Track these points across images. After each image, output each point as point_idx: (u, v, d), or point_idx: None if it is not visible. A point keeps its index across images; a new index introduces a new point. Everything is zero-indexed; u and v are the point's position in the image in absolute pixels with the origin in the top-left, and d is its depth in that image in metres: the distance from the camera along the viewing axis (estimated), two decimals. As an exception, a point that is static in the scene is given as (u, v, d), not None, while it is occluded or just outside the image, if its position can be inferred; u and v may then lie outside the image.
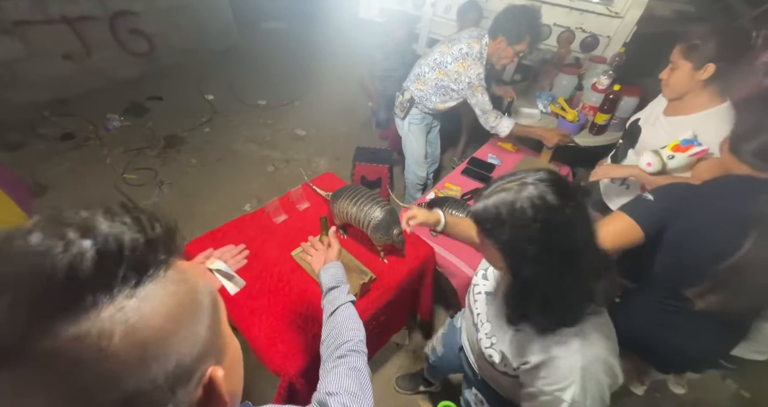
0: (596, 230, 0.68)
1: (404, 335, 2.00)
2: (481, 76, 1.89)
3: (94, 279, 0.26)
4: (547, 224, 0.63)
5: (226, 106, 3.81)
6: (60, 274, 0.25)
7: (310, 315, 1.34)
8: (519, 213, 0.64)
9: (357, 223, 1.48)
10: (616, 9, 2.52)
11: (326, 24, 5.01)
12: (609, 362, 0.72)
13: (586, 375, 0.69)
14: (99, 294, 0.26)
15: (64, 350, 0.24)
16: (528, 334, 0.76)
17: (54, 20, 3.33)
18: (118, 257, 0.28)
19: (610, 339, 0.74)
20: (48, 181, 2.82)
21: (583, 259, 0.66)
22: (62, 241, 0.27)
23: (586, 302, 0.70)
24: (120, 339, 0.26)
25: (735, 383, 1.87)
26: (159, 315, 0.29)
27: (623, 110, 2.19)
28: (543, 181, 0.65)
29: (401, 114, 2.26)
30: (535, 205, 0.63)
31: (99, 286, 0.26)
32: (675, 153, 1.34)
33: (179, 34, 4.18)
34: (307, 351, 1.23)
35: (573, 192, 0.66)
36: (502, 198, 0.66)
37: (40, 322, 0.24)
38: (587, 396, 0.69)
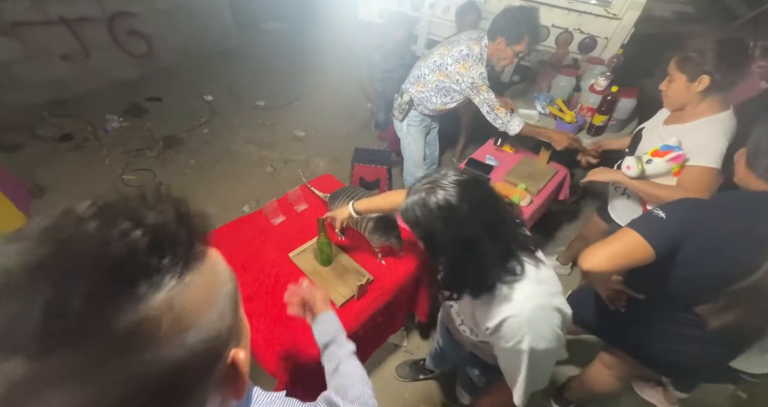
0: (503, 210, 0.82)
1: (402, 336, 2.01)
2: (483, 74, 1.89)
3: (145, 266, 0.29)
4: (449, 221, 0.77)
5: (224, 107, 3.81)
6: (117, 261, 0.28)
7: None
8: (427, 212, 0.77)
9: (355, 225, 1.48)
10: (614, 10, 2.52)
11: (325, 25, 5.00)
12: (551, 304, 0.83)
13: (534, 324, 0.81)
14: (151, 279, 0.28)
15: (123, 329, 0.26)
16: (480, 305, 0.87)
17: (52, 21, 3.33)
18: (165, 247, 0.30)
19: (546, 284, 0.85)
20: (47, 182, 2.82)
21: (484, 245, 0.78)
22: (117, 230, 0.29)
23: (503, 270, 0.82)
24: (168, 321, 0.28)
25: (732, 383, 1.87)
26: (198, 300, 0.31)
27: (621, 111, 2.20)
28: (449, 184, 0.78)
29: (400, 116, 2.26)
30: (440, 206, 0.76)
31: (150, 273, 0.29)
32: (653, 158, 1.35)
33: (178, 35, 4.18)
34: (304, 353, 1.23)
35: (476, 190, 0.78)
36: (415, 200, 0.80)
37: (106, 304, 0.26)
38: (540, 340, 0.81)
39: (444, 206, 0.76)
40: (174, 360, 0.29)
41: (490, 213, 0.79)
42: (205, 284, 0.32)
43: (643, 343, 1.24)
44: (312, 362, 1.23)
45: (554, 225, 2.70)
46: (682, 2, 6.84)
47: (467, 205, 0.76)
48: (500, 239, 0.80)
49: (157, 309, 0.28)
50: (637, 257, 0.96)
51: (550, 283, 0.86)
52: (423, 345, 2.01)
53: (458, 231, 0.77)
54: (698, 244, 0.94)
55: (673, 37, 1.46)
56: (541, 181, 1.96)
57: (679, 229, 0.95)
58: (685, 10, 6.59)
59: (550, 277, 0.87)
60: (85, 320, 0.26)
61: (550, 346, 0.82)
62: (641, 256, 0.95)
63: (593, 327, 1.44)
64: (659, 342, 1.17)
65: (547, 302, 0.83)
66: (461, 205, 0.76)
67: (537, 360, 0.83)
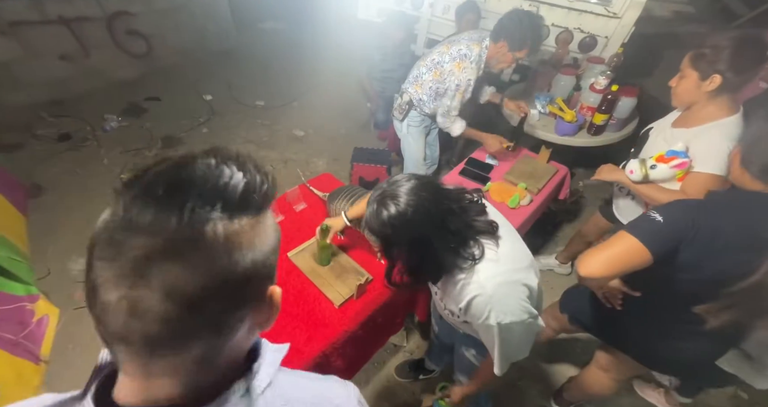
0: (454, 204, 0.88)
1: (402, 336, 2.00)
2: (470, 82, 1.89)
3: (243, 198, 0.38)
4: (400, 228, 0.84)
5: (224, 107, 3.80)
6: (232, 190, 0.38)
7: (306, 317, 1.33)
8: (380, 223, 0.86)
9: (353, 224, 1.47)
10: (614, 9, 2.52)
11: (325, 24, 5.00)
12: (512, 280, 0.90)
13: (498, 300, 0.87)
14: (244, 208, 0.39)
15: (221, 234, 0.36)
16: (450, 289, 0.96)
17: (51, 21, 3.31)
18: (255, 190, 0.40)
19: (506, 262, 0.91)
20: (45, 181, 2.81)
21: (436, 240, 0.86)
22: (229, 170, 0.39)
23: (459, 256, 0.88)
24: (247, 238, 0.38)
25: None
26: (264, 233, 0.41)
27: (621, 111, 2.19)
28: (397, 192, 0.85)
29: (400, 116, 2.25)
30: (391, 216, 0.84)
31: (243, 204, 0.39)
32: (658, 163, 1.33)
33: (177, 34, 4.17)
34: (302, 353, 1.22)
35: (422, 192, 0.85)
36: (370, 212, 0.88)
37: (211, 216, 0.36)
38: (506, 315, 0.87)
39: (394, 215, 0.83)
40: (244, 268, 0.38)
41: (438, 212, 0.85)
42: (270, 224, 0.43)
43: (640, 341, 1.23)
44: (311, 361, 1.22)
45: (554, 224, 2.69)
46: (682, 2, 6.85)
47: (413, 210, 0.83)
48: (452, 231, 0.87)
49: (244, 226, 0.38)
50: (635, 261, 0.95)
51: (512, 260, 0.93)
52: (423, 345, 2.00)
53: (409, 235, 0.86)
54: (696, 247, 0.93)
55: (672, 37, 1.45)
56: (542, 180, 1.95)
57: (676, 232, 0.94)
58: (685, 10, 6.59)
59: (510, 254, 0.93)
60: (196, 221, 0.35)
61: (517, 319, 0.88)
62: (639, 261, 0.94)
63: (589, 326, 1.43)
64: (656, 339, 1.17)
65: (508, 278, 0.90)
66: (407, 211, 0.83)
67: (508, 333, 0.90)
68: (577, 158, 2.69)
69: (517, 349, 0.96)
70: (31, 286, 1.88)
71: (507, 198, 1.84)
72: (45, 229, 2.46)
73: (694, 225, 0.92)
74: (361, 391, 0.62)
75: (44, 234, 2.42)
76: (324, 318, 1.32)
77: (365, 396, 1.82)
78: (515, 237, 1.00)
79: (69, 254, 2.31)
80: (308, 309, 1.35)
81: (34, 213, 2.55)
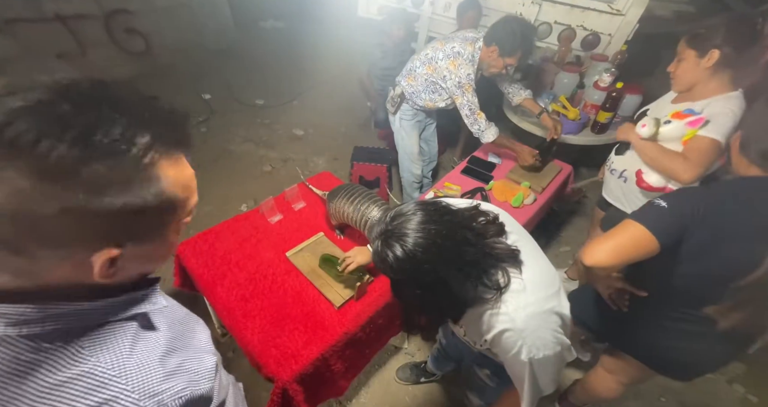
0: (469, 232, 0.77)
1: (402, 338, 1.96)
2: (471, 76, 1.87)
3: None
4: (409, 271, 0.75)
5: (223, 106, 3.76)
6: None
7: (304, 319, 1.29)
8: (386, 266, 0.76)
9: (354, 223, 1.43)
10: (617, 6, 2.48)
11: (325, 23, 4.97)
12: (544, 310, 0.81)
13: (530, 334, 0.78)
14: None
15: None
16: (473, 323, 0.87)
17: (48, 18, 3.29)
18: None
19: (535, 290, 0.81)
20: (40, 181, 2.77)
21: (451, 278, 0.75)
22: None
23: (481, 288, 0.78)
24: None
25: (742, 387, 1.83)
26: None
27: (626, 108, 2.16)
28: (403, 229, 0.74)
29: (392, 109, 2.24)
30: (398, 258, 0.73)
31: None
32: (673, 119, 1.33)
33: (176, 33, 4.14)
34: (300, 356, 1.19)
35: (432, 225, 0.74)
36: (374, 250, 0.79)
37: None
38: (539, 349, 0.78)
39: (401, 258, 0.73)
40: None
41: (452, 246, 0.74)
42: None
43: (648, 344, 1.19)
44: (309, 364, 1.18)
45: (558, 224, 2.65)
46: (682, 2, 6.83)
47: (423, 250, 0.72)
48: (470, 262, 0.76)
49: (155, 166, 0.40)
50: (642, 250, 0.91)
51: (540, 287, 0.82)
52: (424, 347, 1.96)
53: (421, 277, 0.75)
54: (700, 236, 0.90)
55: (673, 37, 1.43)
56: (545, 178, 1.91)
57: (682, 219, 0.91)
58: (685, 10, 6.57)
59: (538, 280, 0.83)
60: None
61: (550, 352, 0.80)
62: (646, 249, 0.91)
63: (595, 330, 1.40)
64: (664, 341, 1.13)
65: (539, 309, 0.80)
66: (416, 252, 0.72)
67: (540, 368, 0.81)
68: (581, 157, 2.66)
69: (546, 383, 0.86)
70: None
71: (510, 197, 1.80)
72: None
73: (699, 212, 0.90)
74: (360, 393, 0.59)
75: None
76: (323, 320, 1.29)
77: (364, 397, 1.78)
78: (538, 253, 0.90)
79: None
80: (307, 311, 1.31)
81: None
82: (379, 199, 1.43)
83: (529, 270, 0.82)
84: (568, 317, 0.85)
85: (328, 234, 1.59)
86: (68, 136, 0.35)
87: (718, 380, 1.86)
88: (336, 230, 1.61)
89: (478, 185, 1.89)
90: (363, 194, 1.43)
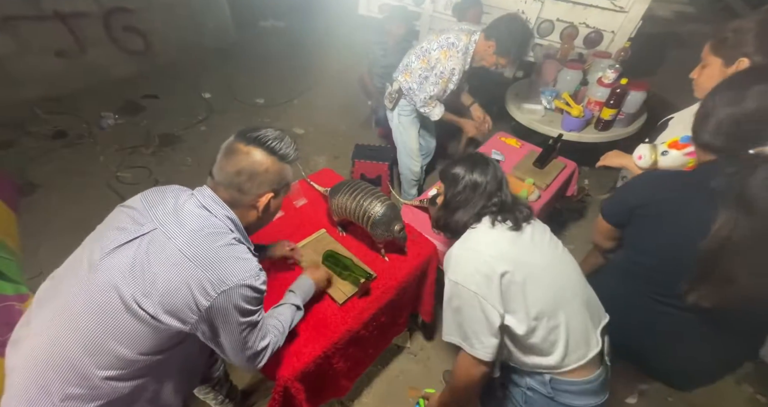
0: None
1: (405, 337, 1.93)
2: (455, 71, 1.87)
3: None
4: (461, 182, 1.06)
5: (223, 105, 3.74)
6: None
7: (307, 315, 1.26)
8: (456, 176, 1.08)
9: (356, 219, 1.41)
10: (620, 3, 2.47)
11: (325, 21, 4.96)
12: (474, 249, 0.99)
13: (457, 260, 1.00)
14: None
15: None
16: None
17: (47, 16, 3.26)
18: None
19: (483, 245, 1.00)
20: (39, 179, 2.75)
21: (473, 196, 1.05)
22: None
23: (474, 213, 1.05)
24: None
25: (750, 387, 1.80)
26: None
27: (630, 105, 2.14)
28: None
29: (390, 105, 2.22)
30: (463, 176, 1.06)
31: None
32: (670, 149, 1.26)
33: (176, 31, 4.12)
34: (302, 354, 1.16)
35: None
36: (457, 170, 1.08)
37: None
38: (458, 275, 0.97)
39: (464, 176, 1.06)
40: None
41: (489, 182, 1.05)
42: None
43: (643, 346, 1.11)
44: (311, 362, 1.16)
45: (561, 223, 2.63)
46: (683, 2, 6.83)
47: (480, 174, 1.05)
48: (488, 196, 1.04)
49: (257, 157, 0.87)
50: (605, 229, 1.14)
51: (486, 245, 0.98)
52: (427, 346, 1.93)
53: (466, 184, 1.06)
54: (649, 211, 0.98)
55: (674, 37, 1.41)
56: (550, 175, 1.89)
57: (623, 196, 1.06)
58: (686, 10, 6.58)
59: (492, 241, 0.99)
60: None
61: (466, 286, 0.93)
62: (606, 228, 1.14)
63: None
64: (660, 342, 1.07)
65: (473, 247, 0.99)
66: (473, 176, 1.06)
67: (454, 295, 0.98)
68: (584, 155, 2.64)
69: (463, 320, 0.96)
70: (21, 285, 1.81)
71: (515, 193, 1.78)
72: (37, 228, 2.39)
73: (647, 186, 1.01)
74: (363, 393, 0.57)
75: (36, 233, 2.36)
76: (326, 318, 1.26)
77: (366, 398, 1.75)
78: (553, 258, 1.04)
79: (62, 253, 2.22)
80: (309, 308, 1.28)
81: (27, 211, 2.48)
82: (382, 194, 1.40)
83: (495, 230, 1.00)
84: (492, 269, 0.93)
85: (329, 231, 1.57)
86: (277, 144, 0.89)
87: (726, 380, 1.83)
88: (338, 226, 1.59)
89: (482, 181, 1.87)
90: (365, 190, 1.41)
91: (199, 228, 0.80)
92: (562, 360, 0.94)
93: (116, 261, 0.76)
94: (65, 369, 0.74)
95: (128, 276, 0.75)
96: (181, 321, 0.77)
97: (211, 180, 0.89)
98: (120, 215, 0.86)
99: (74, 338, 0.74)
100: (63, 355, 0.74)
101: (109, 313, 0.74)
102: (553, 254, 1.03)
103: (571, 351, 0.95)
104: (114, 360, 0.75)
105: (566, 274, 1.02)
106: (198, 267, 0.76)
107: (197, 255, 0.77)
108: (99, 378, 0.74)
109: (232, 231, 0.86)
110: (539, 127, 2.30)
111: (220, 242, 0.81)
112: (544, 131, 2.28)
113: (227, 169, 0.85)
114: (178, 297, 0.75)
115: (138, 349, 0.76)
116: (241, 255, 0.83)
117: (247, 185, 0.86)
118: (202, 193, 0.87)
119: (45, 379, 0.73)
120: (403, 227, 1.37)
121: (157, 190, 0.90)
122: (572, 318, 0.96)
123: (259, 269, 0.85)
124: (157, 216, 0.82)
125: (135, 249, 0.77)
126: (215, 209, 0.85)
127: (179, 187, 0.92)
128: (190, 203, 0.85)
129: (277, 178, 0.90)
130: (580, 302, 0.99)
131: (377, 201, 1.36)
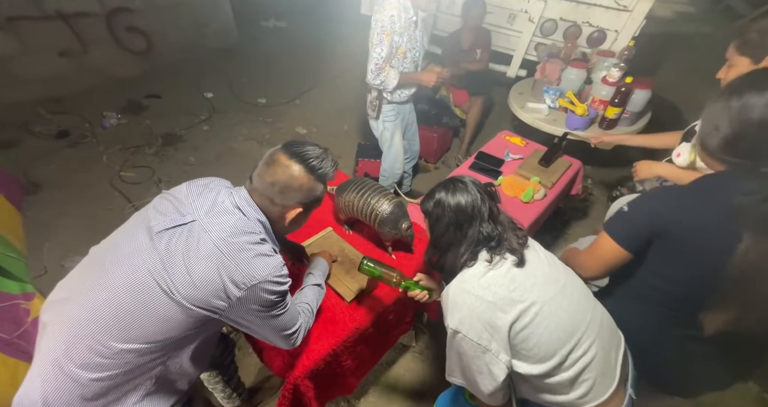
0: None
1: (411, 336, 1.93)
2: (393, 18, 1.72)
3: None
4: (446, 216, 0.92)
5: (225, 105, 3.74)
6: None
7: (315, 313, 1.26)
8: (440, 207, 0.93)
9: (363, 217, 1.41)
10: (624, 2, 2.47)
11: (327, 21, 4.95)
12: (474, 293, 0.87)
13: (455, 303, 0.89)
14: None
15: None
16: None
17: (50, 16, 3.27)
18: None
19: (493, 289, 0.87)
20: (42, 179, 2.75)
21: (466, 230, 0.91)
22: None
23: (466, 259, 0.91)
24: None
25: (757, 385, 1.80)
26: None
27: (635, 104, 2.14)
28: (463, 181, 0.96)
29: (374, 114, 2.12)
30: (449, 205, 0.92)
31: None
32: None
33: (178, 31, 4.12)
34: (312, 351, 1.16)
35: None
36: (436, 199, 0.95)
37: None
38: (459, 323, 0.87)
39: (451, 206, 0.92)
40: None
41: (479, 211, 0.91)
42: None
43: (657, 363, 1.08)
44: (321, 360, 1.16)
45: (563, 222, 2.63)
46: (683, 2, 6.84)
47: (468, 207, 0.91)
48: (483, 232, 0.90)
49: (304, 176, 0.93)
50: (618, 259, 0.97)
51: (485, 288, 0.86)
52: (432, 345, 1.93)
53: (455, 221, 0.92)
54: (668, 236, 0.88)
55: (675, 37, 1.40)
56: (555, 173, 1.89)
57: (642, 221, 0.92)
58: (687, 10, 6.58)
59: (475, 282, 0.88)
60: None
61: (467, 335, 0.85)
62: (621, 256, 0.96)
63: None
64: (673, 358, 1.04)
65: (470, 290, 0.87)
66: (461, 206, 0.92)
67: (455, 343, 0.89)
68: (588, 154, 2.64)
69: (465, 368, 0.90)
70: (27, 284, 1.81)
71: (520, 192, 1.78)
72: (42, 227, 2.39)
73: (663, 210, 0.89)
74: (369, 391, 0.58)
75: (41, 231, 2.35)
76: (334, 316, 1.26)
77: (373, 396, 1.74)
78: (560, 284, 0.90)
79: (66, 252, 2.24)
80: (317, 306, 1.28)
81: (31, 210, 2.48)
82: (389, 192, 1.40)
83: (494, 269, 0.89)
84: (497, 322, 0.84)
85: (336, 230, 1.57)
86: (317, 163, 0.93)
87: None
88: (344, 225, 1.59)
89: (488, 181, 1.86)
90: (372, 188, 1.41)
91: (232, 226, 0.87)
92: (583, 397, 0.89)
93: (157, 244, 0.82)
94: (92, 337, 0.79)
95: (166, 261, 0.81)
96: (212, 310, 0.83)
97: (249, 183, 0.95)
98: (164, 202, 0.91)
99: (109, 311, 0.79)
100: (96, 323, 0.79)
101: (146, 294, 0.79)
102: (556, 280, 0.92)
103: (596, 385, 0.88)
104: (140, 335, 0.80)
105: (575, 300, 0.91)
106: (230, 261, 0.82)
107: (230, 250, 0.83)
108: (118, 350, 0.79)
109: (260, 232, 0.92)
110: (543, 125, 2.30)
111: (249, 240, 0.87)
112: (549, 130, 2.28)
113: (264, 177, 0.91)
114: (211, 287, 0.81)
115: (165, 329, 0.82)
116: (267, 253, 0.90)
117: (279, 197, 0.91)
118: (239, 193, 0.93)
119: (74, 340, 0.79)
120: (410, 225, 1.37)
121: (201, 183, 0.96)
122: (590, 349, 0.87)
123: (282, 265, 0.91)
124: (197, 209, 0.88)
125: (176, 236, 0.84)
126: (248, 211, 0.91)
127: (221, 183, 0.99)
128: (227, 202, 0.91)
129: (308, 195, 0.94)
130: (595, 330, 0.90)
131: (385, 199, 1.36)
